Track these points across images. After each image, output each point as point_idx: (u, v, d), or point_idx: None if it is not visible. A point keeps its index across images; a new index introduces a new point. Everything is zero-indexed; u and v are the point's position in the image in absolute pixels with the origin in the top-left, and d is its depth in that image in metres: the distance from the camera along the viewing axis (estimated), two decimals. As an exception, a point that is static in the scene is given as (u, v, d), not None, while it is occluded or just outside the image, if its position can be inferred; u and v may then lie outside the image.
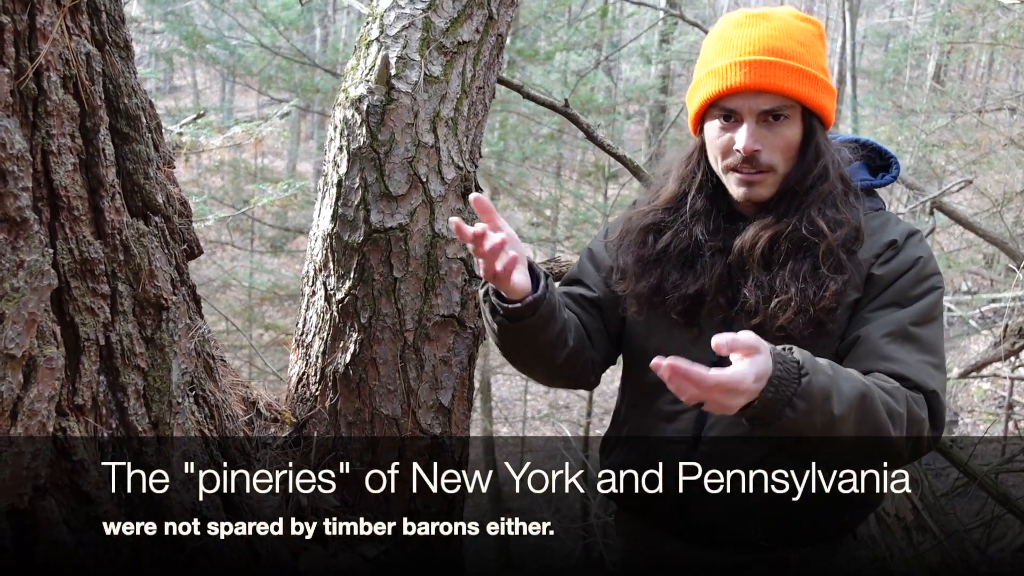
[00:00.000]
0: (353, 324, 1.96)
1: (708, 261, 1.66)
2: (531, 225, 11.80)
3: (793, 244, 1.57)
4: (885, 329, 1.55)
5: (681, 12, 7.29)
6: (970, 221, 5.15)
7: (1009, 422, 8.64)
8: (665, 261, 1.71)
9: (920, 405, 1.50)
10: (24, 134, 0.94)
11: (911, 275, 1.58)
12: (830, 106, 1.65)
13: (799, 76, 1.58)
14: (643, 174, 2.98)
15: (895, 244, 1.59)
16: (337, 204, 1.96)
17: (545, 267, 1.97)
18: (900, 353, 1.53)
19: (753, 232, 1.61)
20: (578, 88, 8.22)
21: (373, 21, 2.08)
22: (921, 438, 1.52)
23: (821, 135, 1.63)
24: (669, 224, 1.73)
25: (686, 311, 1.68)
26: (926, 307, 1.56)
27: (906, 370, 1.50)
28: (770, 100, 1.58)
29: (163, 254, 1.19)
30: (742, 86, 1.58)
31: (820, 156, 1.61)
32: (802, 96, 1.58)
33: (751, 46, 1.60)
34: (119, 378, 1.10)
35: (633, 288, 1.74)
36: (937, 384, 1.53)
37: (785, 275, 1.56)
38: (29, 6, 0.93)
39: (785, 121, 1.59)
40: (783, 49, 1.59)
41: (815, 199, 1.59)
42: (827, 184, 1.60)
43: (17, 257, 0.92)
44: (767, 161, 1.59)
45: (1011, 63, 16.39)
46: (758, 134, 1.59)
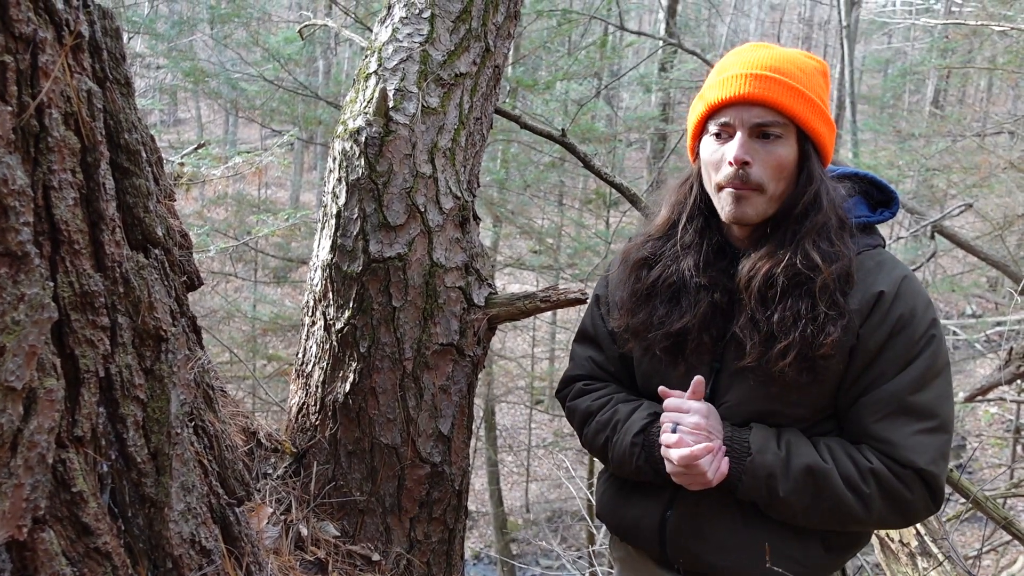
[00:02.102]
0: (352, 353, 1.97)
1: (693, 298, 1.66)
2: (533, 253, 11.84)
3: (789, 279, 1.55)
4: (878, 405, 1.54)
5: (680, 41, 7.35)
6: (972, 245, 5.17)
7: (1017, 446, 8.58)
8: (655, 295, 1.72)
9: (908, 482, 1.52)
10: (26, 170, 0.95)
11: (903, 339, 1.55)
12: (827, 136, 1.63)
13: (795, 94, 1.58)
14: (640, 202, 3.00)
15: (883, 298, 1.56)
16: (336, 235, 1.98)
17: (544, 294, 1.99)
18: (891, 431, 1.53)
19: (750, 266, 1.60)
20: (578, 117, 8.28)
21: (371, 54, 2.12)
22: (909, 512, 1.57)
23: (816, 163, 1.62)
24: (660, 256, 1.74)
25: (670, 348, 1.69)
26: (923, 367, 1.54)
27: (896, 452, 1.52)
28: (763, 113, 1.57)
29: (163, 286, 1.20)
30: (738, 96, 1.57)
31: (812, 182, 1.60)
32: (796, 113, 1.57)
33: (750, 64, 1.60)
34: (118, 409, 1.11)
35: (627, 323, 1.76)
36: (932, 452, 1.52)
37: (785, 315, 1.55)
38: (31, 46, 0.95)
39: (778, 140, 1.58)
40: (782, 69, 1.59)
41: (809, 230, 1.58)
42: (820, 215, 1.58)
43: (18, 290, 0.93)
44: (757, 178, 1.58)
45: (1009, 87, 16.49)
46: (750, 148, 1.58)
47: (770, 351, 1.55)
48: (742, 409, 1.63)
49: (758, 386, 1.60)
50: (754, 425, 1.61)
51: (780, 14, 25.58)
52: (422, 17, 2.10)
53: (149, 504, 1.15)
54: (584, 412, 1.85)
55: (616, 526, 1.84)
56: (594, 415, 1.82)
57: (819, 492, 1.53)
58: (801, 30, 25.45)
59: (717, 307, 1.65)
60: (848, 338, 1.55)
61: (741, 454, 1.58)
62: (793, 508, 1.56)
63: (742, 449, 1.58)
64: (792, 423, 1.62)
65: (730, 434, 1.60)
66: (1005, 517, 2.67)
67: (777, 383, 1.56)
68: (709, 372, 1.68)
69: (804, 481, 1.53)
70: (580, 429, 1.88)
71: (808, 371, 1.54)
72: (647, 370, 1.78)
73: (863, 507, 1.53)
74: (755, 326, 1.58)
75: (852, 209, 1.69)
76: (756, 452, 1.56)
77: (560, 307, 2.04)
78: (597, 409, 1.82)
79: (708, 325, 1.65)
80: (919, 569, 2.54)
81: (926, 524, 2.63)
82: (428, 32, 2.08)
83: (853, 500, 1.52)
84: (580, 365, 1.94)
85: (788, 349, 1.53)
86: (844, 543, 1.67)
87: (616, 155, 12.66)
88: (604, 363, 1.90)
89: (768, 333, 1.56)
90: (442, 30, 2.10)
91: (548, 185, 12.54)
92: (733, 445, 1.59)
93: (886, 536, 2.73)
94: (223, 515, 1.33)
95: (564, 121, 8.27)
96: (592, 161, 2.97)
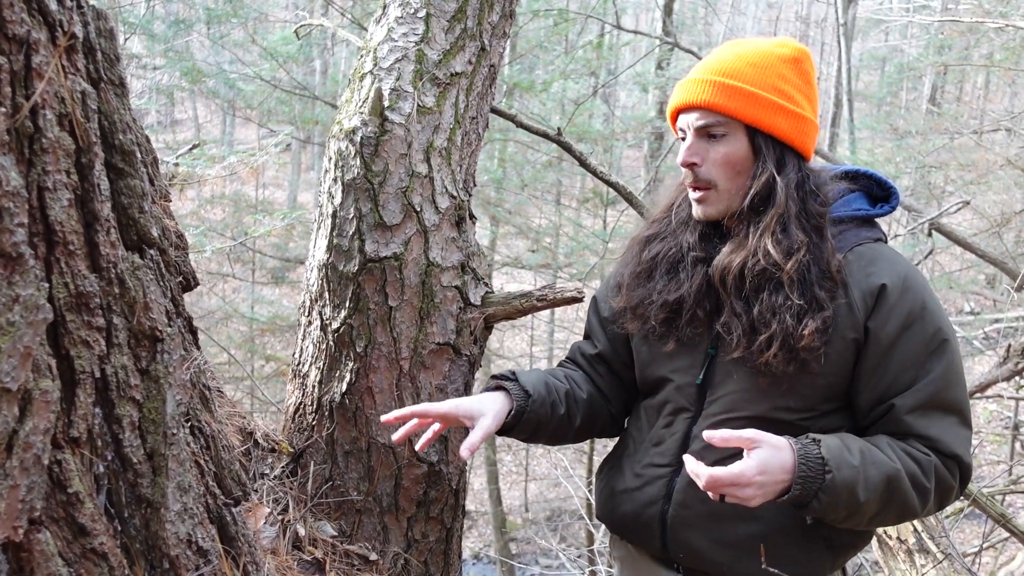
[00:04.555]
0: (349, 353, 1.97)
1: (691, 270, 1.70)
2: (530, 252, 11.84)
3: (755, 276, 1.59)
4: (915, 403, 1.55)
5: (677, 40, 7.36)
6: (969, 242, 5.17)
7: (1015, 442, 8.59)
8: (655, 270, 1.76)
9: (952, 470, 1.55)
10: (20, 171, 0.95)
11: (918, 333, 1.55)
12: (788, 127, 1.64)
13: (736, 94, 1.62)
14: (636, 200, 3.00)
15: (887, 291, 1.56)
16: (332, 234, 1.98)
17: (540, 293, 2.00)
18: (932, 426, 1.55)
19: (720, 262, 1.64)
20: (575, 116, 8.28)
21: (367, 54, 2.12)
22: (947, 499, 1.60)
23: (772, 155, 1.64)
24: (661, 234, 1.79)
25: (666, 320, 1.71)
26: (947, 364, 1.56)
27: (940, 445, 1.54)
28: (704, 115, 1.65)
29: (158, 287, 1.20)
30: (682, 104, 1.68)
31: (764, 174, 1.62)
32: (733, 112, 1.62)
33: (700, 71, 1.68)
34: (114, 410, 1.11)
35: (627, 299, 1.78)
36: (966, 444, 1.56)
37: (763, 308, 1.57)
38: (25, 46, 0.95)
39: (723, 139, 1.65)
40: (727, 70, 1.64)
41: (767, 224, 1.60)
42: (776, 207, 1.60)
43: (13, 292, 0.93)
44: (705, 176, 1.65)
45: (1006, 84, 16.50)
46: (698, 148, 1.66)
47: (753, 343, 1.57)
48: (737, 399, 1.64)
49: (748, 378, 1.61)
50: (820, 437, 1.52)
51: (777, 12, 25.60)
52: (417, 16, 2.10)
53: (145, 504, 1.15)
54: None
55: (616, 525, 1.84)
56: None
57: (891, 497, 1.51)
58: (798, 28, 25.45)
59: (712, 281, 1.67)
60: (848, 325, 1.56)
61: (812, 475, 1.45)
62: (865, 516, 1.52)
63: (813, 469, 1.46)
64: (791, 416, 1.62)
65: (801, 454, 1.47)
66: (1003, 514, 2.67)
67: (765, 375, 1.57)
68: (704, 359, 1.69)
69: (883, 490, 1.49)
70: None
71: (794, 362, 1.54)
72: (645, 357, 1.79)
73: (923, 503, 1.54)
74: (737, 319, 1.60)
75: (852, 203, 1.70)
76: (835, 469, 1.45)
77: (557, 306, 2.04)
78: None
79: (702, 299, 1.67)
80: (917, 566, 2.54)
81: (924, 521, 2.63)
82: (423, 31, 2.08)
83: (916, 498, 1.53)
84: (569, 352, 2.00)
85: (771, 340, 1.55)
86: (847, 542, 1.67)
87: (613, 154, 12.67)
88: (588, 351, 1.93)
89: (750, 326, 1.58)
90: (437, 29, 2.10)
91: (545, 184, 12.54)
92: (803, 462, 1.46)
93: (884, 533, 2.73)
94: (220, 515, 1.33)
95: (561, 120, 8.28)
96: (589, 160, 2.97)
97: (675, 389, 1.72)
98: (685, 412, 1.71)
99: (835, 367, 1.57)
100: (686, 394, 1.70)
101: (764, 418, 1.61)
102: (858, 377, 1.59)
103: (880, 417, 1.59)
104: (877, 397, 1.58)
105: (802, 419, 1.62)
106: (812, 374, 1.57)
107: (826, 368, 1.57)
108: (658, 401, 1.76)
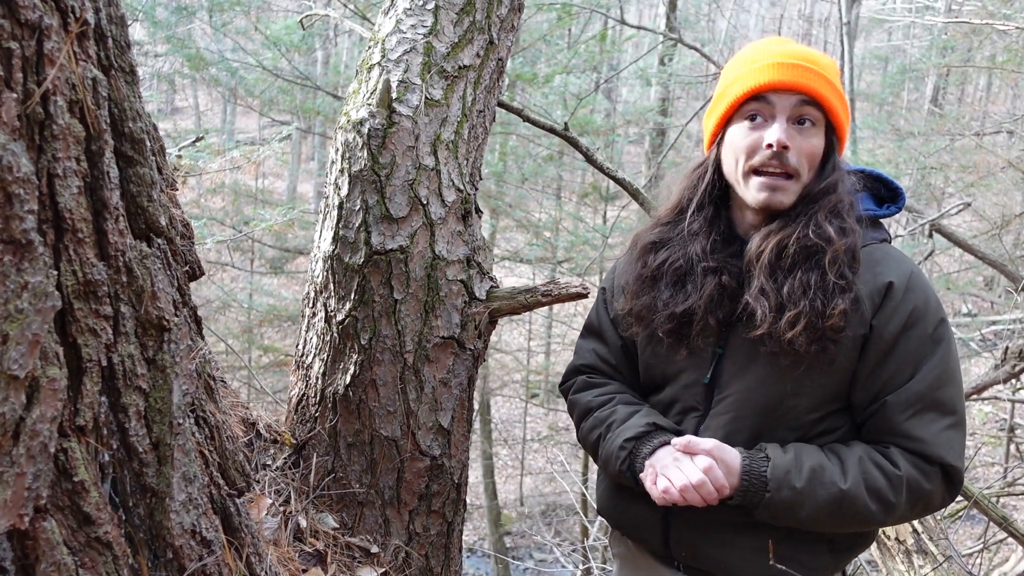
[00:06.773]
0: (353, 345, 1.97)
1: (700, 281, 1.67)
2: (530, 246, 11.84)
3: (800, 250, 1.58)
4: (907, 401, 1.55)
5: (680, 35, 7.35)
6: (969, 243, 5.16)
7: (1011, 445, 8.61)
8: (660, 279, 1.73)
9: (932, 478, 1.55)
10: (30, 157, 0.94)
11: (919, 332, 1.56)
12: (845, 132, 1.68)
13: (830, 86, 1.62)
14: (641, 196, 3.00)
15: (893, 289, 1.57)
16: (338, 226, 1.98)
17: (545, 288, 1.99)
18: (922, 428, 1.54)
19: (760, 238, 1.62)
20: (577, 111, 8.27)
21: (375, 45, 2.11)
22: (928, 506, 1.60)
23: (837, 155, 1.67)
24: (667, 241, 1.76)
25: (674, 331, 1.70)
26: (942, 359, 1.56)
27: (926, 448, 1.54)
28: (803, 100, 1.61)
29: (165, 276, 1.19)
30: (779, 83, 1.61)
31: (836, 170, 1.64)
32: (830, 105, 1.62)
33: (784, 55, 1.64)
34: (120, 399, 1.10)
35: (632, 306, 1.77)
36: (956, 448, 1.56)
37: (794, 285, 1.56)
38: (37, 32, 0.94)
39: (812, 129, 1.63)
40: (815, 59, 1.64)
41: (822, 207, 1.61)
42: (835, 195, 1.62)
43: (22, 279, 0.93)
44: (794, 163, 1.61)
45: (1009, 86, 16.49)
46: (790, 133, 1.61)
47: (780, 320, 1.56)
48: (746, 396, 1.63)
49: (764, 364, 1.60)
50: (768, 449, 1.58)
51: (780, 10, 25.55)
52: (426, 9, 2.09)
53: (150, 494, 1.15)
54: (584, 407, 1.86)
55: (618, 521, 1.84)
56: (593, 411, 1.83)
57: (842, 512, 1.53)
58: (801, 26, 25.43)
59: (724, 289, 1.66)
60: (857, 322, 1.56)
61: (752, 491, 1.55)
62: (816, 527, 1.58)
63: (754, 485, 1.55)
64: (799, 414, 1.61)
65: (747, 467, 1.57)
66: (1004, 517, 2.67)
67: (788, 355, 1.56)
68: (711, 357, 1.68)
69: (832, 509, 1.53)
70: (578, 423, 1.89)
71: (818, 342, 1.54)
72: (649, 360, 1.78)
73: (886, 514, 1.55)
74: (765, 296, 1.59)
75: (860, 203, 1.71)
76: (774, 490, 1.53)
77: (561, 301, 2.03)
78: (597, 406, 1.83)
79: (715, 307, 1.66)
80: (915, 567, 2.54)
81: (923, 522, 2.63)
82: (432, 24, 2.07)
83: (878, 511, 1.54)
84: (583, 356, 1.95)
85: (798, 318, 1.54)
86: (849, 544, 1.67)
87: (615, 149, 12.66)
88: (607, 355, 1.90)
89: (778, 303, 1.57)
90: (446, 22, 2.09)
91: (546, 178, 12.53)
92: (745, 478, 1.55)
93: (882, 534, 2.74)
94: (224, 506, 1.33)
95: (564, 114, 8.26)
96: (595, 155, 2.96)
97: (682, 387, 1.72)
98: (694, 412, 1.70)
99: (845, 361, 1.58)
100: (694, 393, 1.70)
101: (772, 416, 1.61)
102: (858, 374, 1.59)
103: (873, 415, 1.59)
104: (873, 395, 1.59)
105: (809, 418, 1.61)
106: (826, 364, 1.57)
107: (838, 359, 1.57)
108: (665, 399, 1.75)
